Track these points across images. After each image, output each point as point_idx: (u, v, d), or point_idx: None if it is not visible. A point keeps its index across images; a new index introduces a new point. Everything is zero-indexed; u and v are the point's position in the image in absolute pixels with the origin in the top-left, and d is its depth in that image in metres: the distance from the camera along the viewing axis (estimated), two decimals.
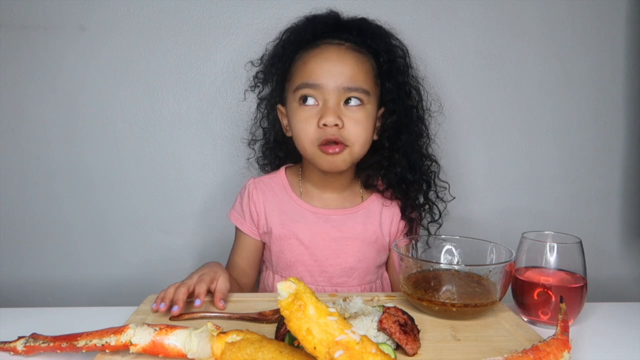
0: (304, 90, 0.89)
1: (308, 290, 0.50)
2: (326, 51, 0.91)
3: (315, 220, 0.96)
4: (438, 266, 0.80)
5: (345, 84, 0.88)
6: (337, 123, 0.87)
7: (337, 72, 0.88)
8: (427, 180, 1.00)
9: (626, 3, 1.19)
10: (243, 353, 0.53)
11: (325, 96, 0.88)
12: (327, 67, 0.88)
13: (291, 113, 0.92)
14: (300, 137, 0.91)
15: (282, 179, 1.01)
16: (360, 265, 0.96)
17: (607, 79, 1.22)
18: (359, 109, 0.90)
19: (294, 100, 0.91)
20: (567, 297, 0.69)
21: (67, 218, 1.19)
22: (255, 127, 1.09)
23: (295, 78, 0.91)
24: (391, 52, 0.97)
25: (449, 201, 1.05)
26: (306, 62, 0.90)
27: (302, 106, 0.90)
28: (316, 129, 0.88)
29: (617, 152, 1.24)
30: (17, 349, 0.61)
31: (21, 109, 1.15)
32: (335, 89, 0.88)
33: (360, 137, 0.90)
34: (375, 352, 0.48)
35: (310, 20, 0.99)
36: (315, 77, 0.88)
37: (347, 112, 0.89)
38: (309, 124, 0.89)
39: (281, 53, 0.98)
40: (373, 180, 0.99)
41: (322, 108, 0.88)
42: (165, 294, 0.74)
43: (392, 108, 0.95)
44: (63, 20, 1.13)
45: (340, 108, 0.88)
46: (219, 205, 1.19)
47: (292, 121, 0.92)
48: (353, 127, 0.88)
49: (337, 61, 0.89)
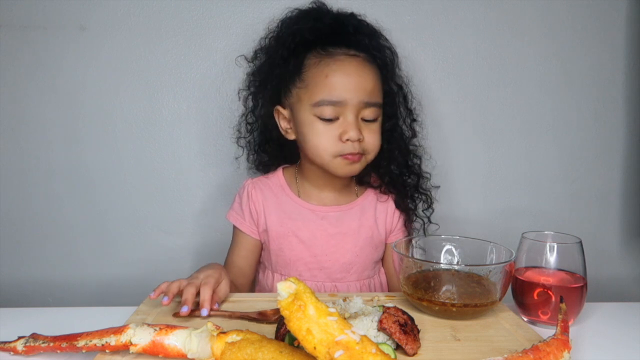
0: (325, 107, 0.89)
1: (308, 290, 0.50)
2: (347, 65, 0.90)
3: (313, 217, 0.97)
4: (438, 266, 0.80)
5: (365, 99, 0.90)
6: (360, 138, 0.89)
7: (359, 88, 0.89)
8: (416, 173, 1.04)
9: (626, 3, 1.19)
10: (243, 353, 0.53)
11: (346, 111, 0.89)
12: (349, 83, 0.89)
13: (306, 124, 0.91)
14: (318, 149, 0.91)
15: (280, 178, 1.02)
16: (357, 260, 0.98)
17: (607, 79, 1.22)
18: (374, 122, 0.93)
19: (311, 113, 0.90)
20: (567, 297, 0.69)
21: (67, 218, 1.19)
22: (243, 124, 1.08)
23: (314, 90, 0.90)
24: (383, 53, 0.99)
25: (434, 188, 1.08)
26: (327, 76, 0.89)
27: (322, 121, 0.90)
28: (336, 143, 0.90)
29: (617, 152, 1.25)
30: (17, 349, 0.61)
31: (21, 109, 1.15)
32: (357, 104, 0.89)
33: (376, 147, 0.94)
34: (375, 352, 0.48)
35: (308, 19, 0.96)
36: (338, 94, 0.88)
37: (364, 126, 0.91)
38: (329, 137, 0.90)
39: (285, 54, 0.95)
40: (367, 177, 1.01)
41: (343, 123, 0.89)
42: (168, 289, 0.73)
43: (389, 112, 0.98)
44: (63, 20, 1.13)
45: (359, 122, 0.91)
46: (219, 205, 1.19)
47: (307, 133, 0.92)
48: (371, 139, 0.92)
49: (357, 76, 0.90)
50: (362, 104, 0.89)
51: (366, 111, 0.90)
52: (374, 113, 0.91)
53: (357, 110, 0.90)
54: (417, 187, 1.04)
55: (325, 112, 0.89)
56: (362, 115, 0.91)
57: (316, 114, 0.90)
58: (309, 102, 0.90)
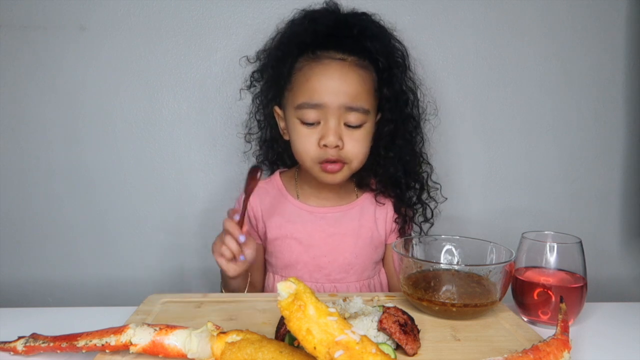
0: (305, 110, 0.88)
1: (308, 290, 0.50)
2: (329, 68, 0.89)
3: (311, 219, 0.98)
4: (438, 266, 0.80)
5: (347, 104, 0.87)
6: (338, 144, 0.87)
7: (340, 92, 0.87)
8: (420, 182, 1.02)
9: (626, 3, 1.19)
10: (243, 353, 0.53)
11: (327, 115, 0.88)
12: (329, 86, 0.87)
13: (291, 127, 0.92)
14: (300, 154, 0.91)
15: (277, 182, 1.02)
16: (357, 261, 0.98)
17: (607, 79, 1.22)
18: (359, 129, 0.90)
19: (294, 116, 0.90)
20: (567, 297, 0.69)
21: (67, 218, 1.19)
22: (251, 121, 1.08)
23: (297, 93, 0.90)
24: (391, 55, 0.96)
25: (441, 202, 1.08)
26: (309, 79, 0.89)
27: (303, 125, 0.89)
28: (316, 148, 0.89)
29: (617, 152, 1.24)
30: (17, 349, 0.61)
31: (21, 109, 1.15)
32: (337, 108, 0.87)
33: (359, 155, 0.91)
34: (375, 352, 0.48)
35: (310, 20, 0.96)
36: (318, 97, 0.87)
37: (347, 132, 0.89)
38: (309, 142, 0.89)
39: (280, 55, 0.95)
40: (366, 180, 1.01)
41: (323, 128, 0.88)
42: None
43: (389, 116, 0.95)
44: (63, 20, 1.13)
45: (340, 128, 0.88)
46: (219, 205, 1.19)
47: (291, 135, 0.92)
48: (352, 147, 0.89)
49: (339, 80, 0.88)
50: (344, 108, 0.87)
51: (349, 116, 0.88)
52: (358, 119, 0.89)
53: (338, 115, 0.88)
54: (419, 195, 1.02)
55: (306, 115, 0.88)
56: (345, 121, 0.89)
57: (298, 117, 0.90)
58: (292, 105, 0.91)
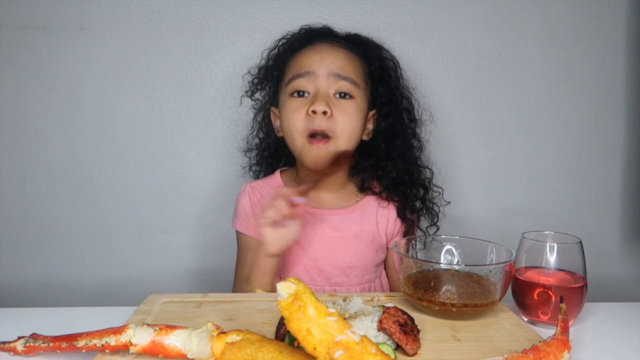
0: (295, 81, 0.91)
1: (308, 290, 0.50)
2: (318, 46, 0.94)
3: (311, 220, 0.96)
4: (438, 266, 0.80)
5: (335, 71, 0.89)
6: (326, 110, 0.87)
7: (328, 61, 0.90)
8: (423, 185, 1.02)
9: (626, 3, 1.19)
10: (243, 353, 0.53)
11: (317, 84, 0.90)
12: (318, 57, 0.91)
13: (282, 108, 0.94)
14: (289, 129, 0.91)
15: (278, 181, 1.02)
16: (358, 264, 0.97)
17: (607, 79, 1.22)
18: (348, 102, 0.91)
19: (286, 94, 0.93)
20: (567, 297, 0.69)
21: (67, 218, 1.19)
22: (252, 136, 1.10)
23: (288, 74, 0.94)
24: (382, 61, 1.00)
25: (443, 206, 1.08)
26: (298, 57, 0.93)
27: (293, 98, 0.91)
28: (305, 118, 0.89)
29: (617, 152, 1.24)
30: (17, 349, 0.61)
31: (21, 109, 1.15)
32: (326, 75, 0.89)
33: (346, 130, 0.90)
34: (375, 352, 0.48)
35: (305, 29, 1.03)
36: (307, 66, 0.90)
37: (337, 103, 0.90)
38: (298, 113, 0.90)
39: (275, 58, 1.01)
40: (369, 183, 1.00)
41: (313, 96, 0.90)
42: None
43: (385, 111, 0.97)
44: (63, 20, 1.13)
45: (330, 97, 0.90)
46: (219, 205, 1.19)
47: (282, 115, 0.94)
48: (341, 119, 0.89)
49: (327, 52, 0.92)
50: (333, 75, 0.89)
51: (338, 84, 0.90)
52: (347, 88, 0.90)
53: (327, 84, 0.90)
54: (423, 199, 1.02)
55: (296, 85, 0.90)
56: (334, 90, 0.90)
57: (289, 92, 0.92)
58: (284, 86, 0.93)
